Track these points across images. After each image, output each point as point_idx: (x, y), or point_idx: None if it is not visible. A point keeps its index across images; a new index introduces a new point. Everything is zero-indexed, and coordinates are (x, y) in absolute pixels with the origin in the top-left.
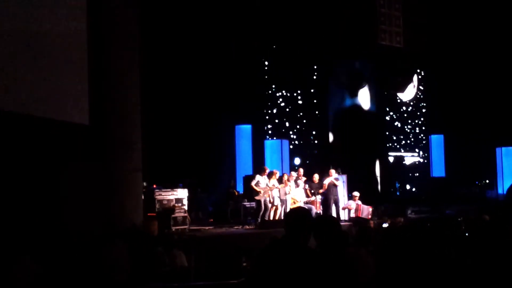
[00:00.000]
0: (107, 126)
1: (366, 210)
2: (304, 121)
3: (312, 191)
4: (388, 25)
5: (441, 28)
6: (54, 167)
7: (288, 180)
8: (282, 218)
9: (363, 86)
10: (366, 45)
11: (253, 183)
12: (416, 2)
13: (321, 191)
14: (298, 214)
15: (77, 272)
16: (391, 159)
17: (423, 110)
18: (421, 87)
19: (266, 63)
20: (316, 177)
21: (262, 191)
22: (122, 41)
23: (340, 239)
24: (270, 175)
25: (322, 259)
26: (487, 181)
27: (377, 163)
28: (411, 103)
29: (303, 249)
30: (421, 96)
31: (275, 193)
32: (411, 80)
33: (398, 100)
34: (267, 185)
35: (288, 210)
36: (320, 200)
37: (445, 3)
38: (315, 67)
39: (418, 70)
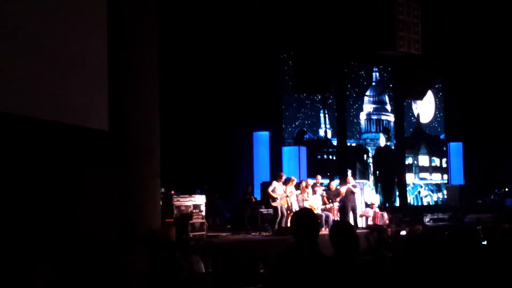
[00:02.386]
0: (126, 132)
1: (383, 218)
2: (322, 126)
3: (329, 199)
4: (406, 31)
5: (461, 34)
6: (73, 173)
7: (306, 187)
8: None
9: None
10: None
11: (269, 190)
12: (436, 9)
13: (338, 199)
14: (302, 216)
15: (95, 277)
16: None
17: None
18: (439, 95)
19: (286, 68)
20: (333, 184)
21: (279, 198)
22: (141, 47)
23: (355, 246)
24: (287, 182)
25: (336, 265)
26: (507, 189)
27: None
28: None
29: (316, 255)
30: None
31: (293, 199)
32: (428, 88)
33: (416, 108)
34: (284, 191)
35: None
36: (337, 207)
37: (465, 10)
38: (333, 72)
39: (436, 79)
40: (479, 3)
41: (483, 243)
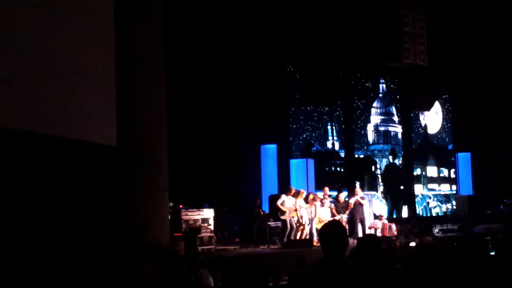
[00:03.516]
0: (134, 146)
1: (392, 229)
2: (330, 138)
3: (338, 211)
4: (412, 43)
5: (466, 45)
6: (82, 188)
7: (314, 199)
8: (308, 238)
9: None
10: (390, 63)
11: (278, 203)
12: (441, 20)
13: (347, 211)
14: (334, 227)
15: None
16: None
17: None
18: (447, 105)
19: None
20: (341, 196)
21: (287, 211)
22: (148, 60)
23: (383, 259)
24: (296, 195)
25: (366, 278)
26: None
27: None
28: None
29: (346, 268)
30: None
31: (304, 212)
32: (435, 99)
33: (423, 119)
34: (293, 205)
35: (313, 230)
36: (346, 219)
37: (470, 20)
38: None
39: (443, 89)
40: (484, 13)
41: (491, 253)
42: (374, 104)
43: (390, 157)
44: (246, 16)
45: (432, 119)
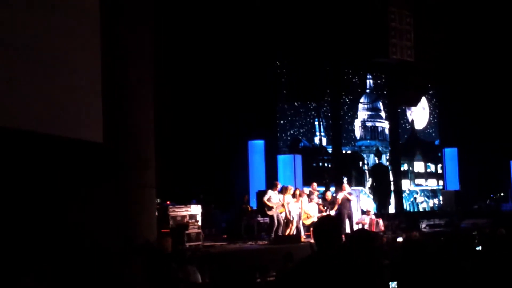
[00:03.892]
0: (120, 143)
1: (379, 225)
2: (317, 134)
3: (325, 207)
4: (399, 39)
5: (453, 41)
6: (68, 185)
7: (301, 195)
8: (295, 233)
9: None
10: (377, 59)
11: (265, 198)
12: (428, 17)
13: (335, 207)
14: (328, 223)
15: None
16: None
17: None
18: (433, 101)
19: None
20: (328, 194)
21: (274, 206)
22: (136, 58)
23: (375, 254)
24: (283, 191)
25: (357, 273)
26: (502, 194)
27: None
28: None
29: (340, 262)
30: (434, 113)
31: (292, 208)
32: (422, 94)
33: (410, 115)
34: (280, 200)
35: (300, 225)
36: (333, 215)
37: (457, 16)
38: (327, 80)
39: (430, 85)
40: (471, 9)
41: (477, 248)
42: (362, 100)
43: (376, 158)
44: (234, 12)
45: (419, 115)
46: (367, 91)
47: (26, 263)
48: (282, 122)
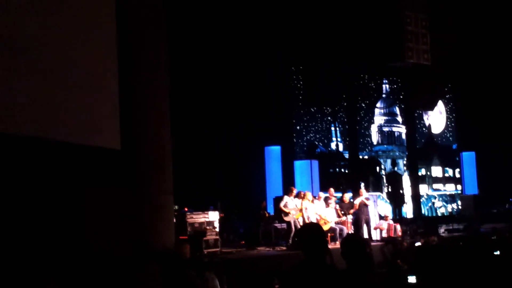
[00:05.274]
0: (138, 150)
1: (397, 230)
2: (333, 139)
3: (343, 212)
4: (415, 42)
5: (470, 44)
6: (87, 192)
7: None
8: None
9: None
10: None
11: (281, 205)
12: (444, 20)
13: (352, 211)
14: (310, 230)
15: None
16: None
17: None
18: (450, 105)
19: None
20: (346, 197)
21: (291, 212)
22: (151, 64)
23: (366, 260)
24: (299, 196)
25: (347, 279)
26: None
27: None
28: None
29: (326, 269)
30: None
31: (310, 213)
32: (439, 98)
33: (427, 119)
34: (296, 205)
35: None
36: (351, 220)
37: (473, 19)
38: (342, 84)
39: (446, 89)
40: (488, 12)
41: (495, 253)
42: (378, 105)
43: (391, 166)
44: (247, 17)
45: (436, 119)
46: (383, 95)
47: (43, 269)
48: (298, 127)
